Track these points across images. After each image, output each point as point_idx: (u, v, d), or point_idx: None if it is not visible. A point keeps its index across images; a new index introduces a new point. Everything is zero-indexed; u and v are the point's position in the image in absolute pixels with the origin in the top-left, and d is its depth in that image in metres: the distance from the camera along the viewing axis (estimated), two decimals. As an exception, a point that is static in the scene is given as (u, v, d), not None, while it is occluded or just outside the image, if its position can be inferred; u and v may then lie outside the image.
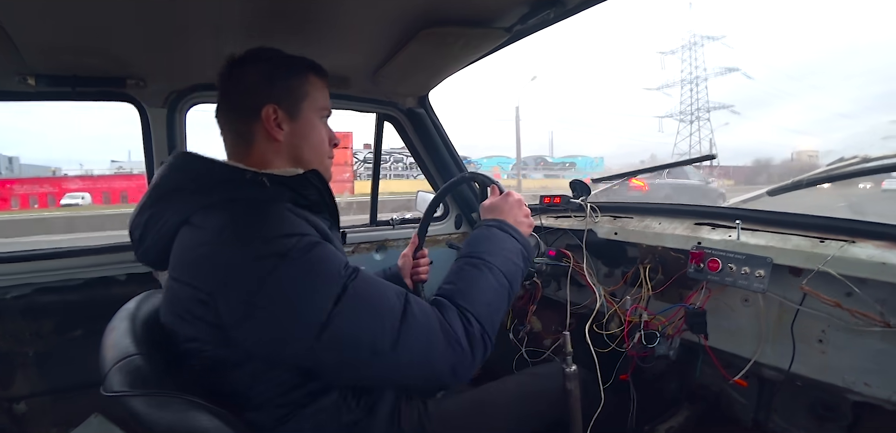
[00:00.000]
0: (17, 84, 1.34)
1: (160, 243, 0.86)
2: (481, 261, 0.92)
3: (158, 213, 0.86)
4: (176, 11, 1.06)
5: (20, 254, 1.55)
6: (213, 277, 0.76)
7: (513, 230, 1.02)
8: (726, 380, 1.27)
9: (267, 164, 0.93)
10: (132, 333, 0.83)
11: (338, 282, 0.76)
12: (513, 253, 0.98)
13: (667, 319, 1.33)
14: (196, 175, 0.87)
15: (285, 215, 0.81)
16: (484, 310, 0.86)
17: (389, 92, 1.86)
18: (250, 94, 0.92)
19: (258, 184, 0.88)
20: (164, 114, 1.57)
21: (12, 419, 1.57)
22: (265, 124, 0.91)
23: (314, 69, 0.99)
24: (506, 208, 1.06)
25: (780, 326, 1.20)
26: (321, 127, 1.00)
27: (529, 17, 1.16)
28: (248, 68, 0.93)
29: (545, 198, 1.87)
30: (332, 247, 0.82)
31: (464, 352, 0.81)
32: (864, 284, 1.03)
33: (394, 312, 0.78)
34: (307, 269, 0.75)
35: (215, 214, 0.81)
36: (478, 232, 1.01)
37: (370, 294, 0.78)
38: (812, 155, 56.16)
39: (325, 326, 0.73)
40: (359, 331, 0.75)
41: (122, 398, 0.70)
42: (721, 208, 1.44)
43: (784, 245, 1.14)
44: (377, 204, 2.18)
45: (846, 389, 1.10)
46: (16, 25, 1.06)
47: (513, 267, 0.96)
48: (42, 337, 1.57)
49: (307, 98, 0.96)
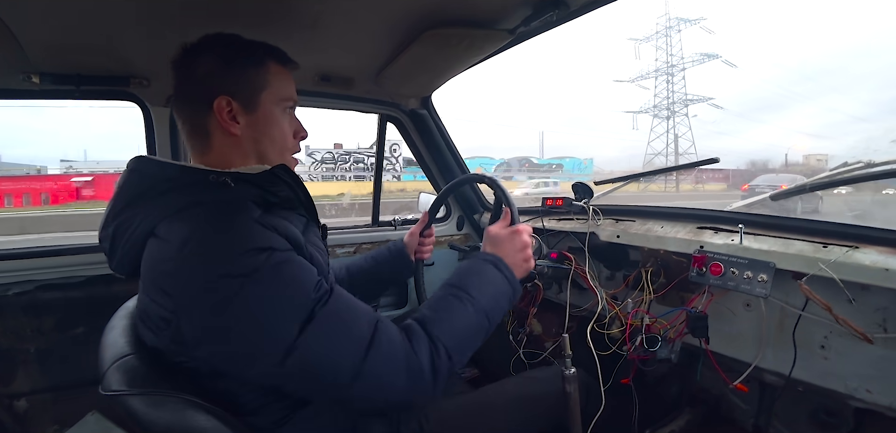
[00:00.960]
0: (22, 82, 1.34)
1: (130, 254, 0.81)
2: (466, 295, 0.90)
3: (125, 223, 0.81)
4: (179, 10, 1.06)
5: (23, 252, 1.55)
6: (175, 296, 0.72)
7: (508, 272, 0.99)
8: (727, 384, 1.27)
9: (228, 161, 0.88)
10: (130, 332, 0.83)
11: (306, 306, 0.73)
12: (501, 296, 0.96)
13: (668, 323, 1.32)
14: (157, 179, 0.82)
15: (252, 227, 0.75)
16: (456, 344, 0.84)
17: (392, 93, 1.87)
18: (203, 85, 0.86)
19: (221, 185, 0.82)
20: (167, 113, 1.57)
21: (13, 416, 1.58)
22: (218, 117, 0.86)
23: (275, 55, 0.92)
24: (508, 247, 1.04)
25: (781, 331, 1.19)
26: (283, 119, 0.94)
27: (532, 19, 1.16)
28: (202, 57, 0.87)
29: (548, 199, 1.87)
30: (304, 262, 0.78)
31: (425, 383, 0.79)
32: (867, 291, 1.03)
33: (361, 342, 0.75)
34: (274, 291, 0.71)
35: (179, 225, 0.75)
36: (472, 263, 0.99)
37: (338, 322, 0.75)
38: (820, 159, 55.55)
39: (289, 353, 0.70)
40: (322, 360, 0.73)
41: (119, 397, 0.70)
42: (724, 212, 1.43)
43: (787, 250, 1.13)
44: (379, 205, 2.18)
45: (848, 396, 1.10)
46: (20, 24, 1.06)
47: (496, 308, 0.94)
48: (43, 334, 1.58)
49: (267, 88, 0.90)
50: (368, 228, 2.12)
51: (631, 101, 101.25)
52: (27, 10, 1.01)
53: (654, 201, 10.08)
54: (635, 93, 74.04)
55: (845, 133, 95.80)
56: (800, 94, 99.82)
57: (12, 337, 1.54)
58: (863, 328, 1.02)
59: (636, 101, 78.30)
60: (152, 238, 0.78)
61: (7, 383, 1.56)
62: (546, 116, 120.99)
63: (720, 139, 69.66)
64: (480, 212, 2.29)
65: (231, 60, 0.87)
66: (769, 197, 1.50)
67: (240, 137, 0.88)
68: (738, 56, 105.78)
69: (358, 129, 27.26)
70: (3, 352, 1.54)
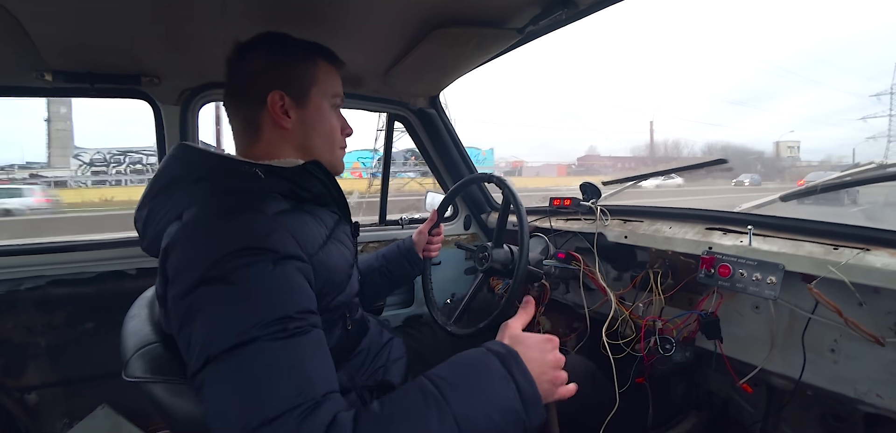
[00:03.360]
0: (35, 80, 1.36)
1: (159, 237, 0.80)
2: (440, 396, 0.64)
3: (158, 206, 0.83)
4: (190, 9, 1.07)
5: (35, 247, 1.58)
6: (168, 274, 0.71)
7: (521, 379, 0.69)
8: (733, 384, 1.26)
9: (274, 153, 0.91)
10: (152, 321, 0.84)
11: (249, 328, 0.62)
12: (501, 411, 0.66)
13: (682, 323, 1.32)
14: (191, 168, 0.84)
15: (263, 222, 0.73)
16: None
17: (401, 92, 1.87)
18: (256, 80, 0.89)
19: (252, 176, 0.84)
20: (177, 111, 1.59)
21: (24, 409, 1.60)
22: (271, 111, 0.89)
23: (324, 54, 0.95)
24: (533, 350, 0.75)
25: (790, 334, 1.18)
26: (332, 115, 0.97)
27: (541, 18, 1.16)
28: (255, 53, 0.90)
29: (555, 200, 1.86)
30: (294, 281, 0.70)
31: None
32: (879, 294, 1.02)
33: (264, 411, 0.58)
34: (233, 293, 0.64)
35: (197, 209, 0.76)
36: (474, 353, 0.72)
37: (272, 368, 0.61)
38: (791, 146, 54.72)
39: (204, 365, 0.62)
40: (218, 399, 0.61)
41: (142, 384, 0.72)
42: (733, 213, 1.42)
43: (797, 251, 1.12)
44: (386, 203, 2.19)
45: (858, 400, 1.08)
46: (34, 22, 1.08)
47: (488, 427, 0.64)
48: (54, 328, 1.60)
49: (316, 84, 0.93)
50: (375, 227, 2.13)
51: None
52: (41, 9, 1.03)
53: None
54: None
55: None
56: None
57: (24, 331, 1.56)
58: (873, 331, 1.01)
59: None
60: (176, 221, 0.79)
61: (18, 377, 1.58)
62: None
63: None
64: (488, 211, 2.29)
65: (282, 56, 0.90)
66: (779, 198, 1.48)
67: (290, 131, 0.91)
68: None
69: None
70: (15, 346, 1.56)
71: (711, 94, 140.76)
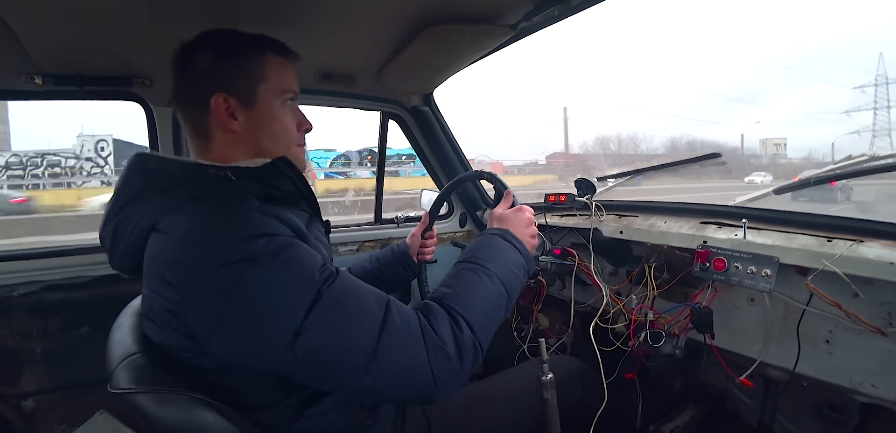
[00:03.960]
0: (25, 83, 1.35)
1: (131, 251, 0.81)
2: (480, 266, 0.88)
3: (126, 220, 0.81)
4: (181, 10, 1.06)
5: (28, 252, 1.56)
6: (180, 288, 0.72)
7: (517, 241, 0.98)
8: (731, 379, 1.27)
9: (229, 158, 0.87)
10: (138, 330, 0.83)
11: (311, 287, 0.71)
12: (514, 264, 0.94)
13: (673, 318, 1.32)
14: (156, 176, 0.81)
15: (252, 215, 0.75)
16: (478, 316, 0.80)
17: (394, 90, 1.86)
18: (199, 83, 0.85)
19: (222, 179, 0.81)
20: (169, 113, 1.57)
21: (21, 416, 1.59)
22: (216, 115, 0.84)
23: (272, 47, 0.90)
24: (515, 221, 1.04)
25: (786, 326, 1.19)
26: (283, 113, 0.91)
27: (534, 15, 1.15)
28: (199, 53, 0.85)
29: (550, 196, 1.87)
30: (307, 246, 0.76)
31: (450, 359, 0.74)
32: (872, 285, 1.03)
33: (373, 321, 0.72)
34: (277, 274, 0.69)
35: (180, 218, 0.75)
36: (481, 238, 0.98)
37: (347, 301, 0.72)
38: (777, 144, 53.70)
39: (297, 335, 0.68)
40: (334, 341, 0.70)
41: (128, 395, 0.71)
42: (727, 207, 1.43)
43: (791, 244, 1.13)
44: (382, 202, 2.18)
45: (853, 390, 1.09)
46: (23, 25, 1.07)
47: (512, 277, 0.91)
48: (49, 334, 1.59)
49: (264, 81, 0.87)
50: (371, 226, 2.12)
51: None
52: (29, 12, 1.01)
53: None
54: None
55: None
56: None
57: (19, 337, 1.55)
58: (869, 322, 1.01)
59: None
60: (154, 233, 0.78)
61: (14, 383, 1.57)
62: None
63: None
64: (483, 208, 2.29)
65: (226, 55, 0.86)
66: (773, 191, 1.49)
67: (240, 134, 0.87)
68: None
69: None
70: (10, 353, 1.55)
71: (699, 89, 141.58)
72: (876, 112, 53.99)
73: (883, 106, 53.17)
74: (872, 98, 54.08)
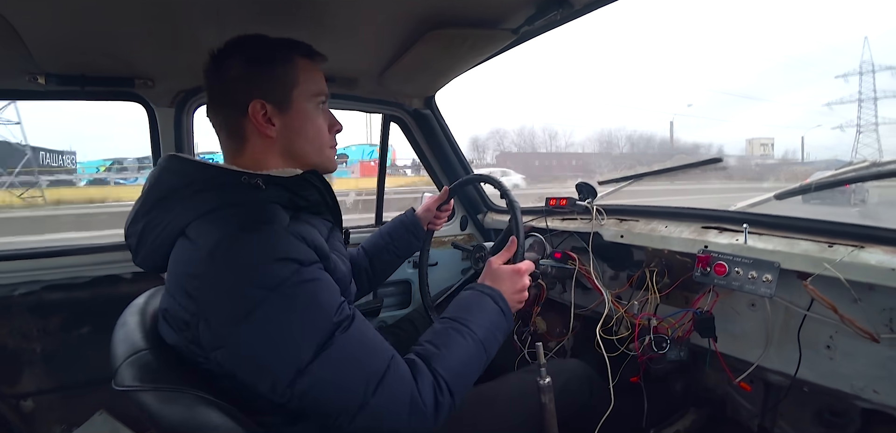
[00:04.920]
0: (28, 83, 1.35)
1: (158, 252, 0.82)
2: (468, 329, 0.90)
3: (154, 220, 0.82)
4: (183, 11, 1.07)
5: (28, 252, 1.56)
6: (198, 300, 0.73)
7: (504, 305, 0.99)
8: (731, 383, 1.26)
9: (262, 162, 0.89)
10: (142, 328, 0.83)
11: (325, 329, 0.73)
12: (498, 328, 0.96)
13: (676, 321, 1.32)
14: (188, 179, 0.82)
15: (281, 235, 0.76)
16: (459, 380, 0.84)
17: (396, 93, 1.87)
18: (235, 90, 0.87)
19: (253, 187, 0.83)
20: (171, 113, 1.58)
21: (20, 416, 1.59)
22: (254, 121, 0.86)
23: (301, 51, 0.92)
24: (508, 284, 1.03)
25: (786, 332, 1.19)
26: (317, 115, 0.93)
27: (536, 19, 1.16)
28: (231, 60, 0.87)
29: (551, 199, 1.87)
30: (329, 280, 0.79)
31: (426, 420, 0.78)
32: (873, 291, 1.02)
33: (373, 376, 0.75)
34: (295, 309, 0.72)
35: (209, 229, 0.76)
36: (472, 295, 0.98)
37: (355, 350, 0.75)
38: (765, 144, 51.58)
39: (301, 373, 0.70)
40: (334, 387, 0.73)
41: (132, 392, 0.71)
42: (728, 212, 1.43)
43: (792, 249, 1.13)
44: (383, 204, 2.19)
45: (854, 396, 1.09)
46: (26, 25, 1.07)
47: (494, 341, 0.94)
48: (49, 334, 1.59)
49: (297, 86, 0.89)
50: (372, 228, 2.13)
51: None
52: (33, 12, 1.02)
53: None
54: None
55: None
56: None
57: (19, 337, 1.55)
58: (869, 328, 1.01)
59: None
60: (182, 238, 0.79)
61: (14, 383, 1.57)
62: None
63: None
64: (484, 212, 2.29)
65: (259, 62, 0.87)
66: (774, 196, 1.49)
67: (275, 139, 0.89)
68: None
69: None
70: (10, 353, 1.55)
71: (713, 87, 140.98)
72: (861, 104, 48.81)
73: (868, 97, 47.57)
74: (857, 88, 48.40)
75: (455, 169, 2.14)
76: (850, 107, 50.38)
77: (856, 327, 1.01)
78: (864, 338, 1.02)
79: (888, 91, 48.95)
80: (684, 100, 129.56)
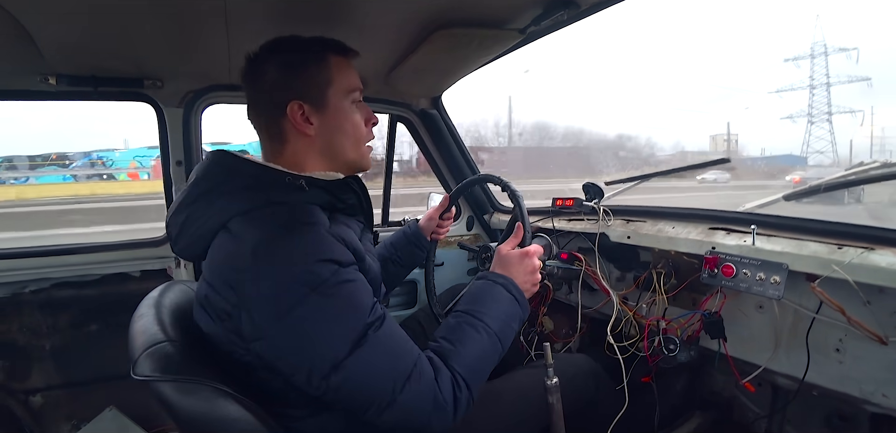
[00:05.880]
0: (39, 84, 1.37)
1: (198, 243, 0.85)
2: (481, 322, 0.91)
3: (196, 213, 0.84)
4: (192, 13, 1.08)
5: (39, 250, 1.58)
6: (240, 293, 0.75)
7: (518, 294, 0.99)
8: (737, 383, 1.26)
9: (302, 160, 0.91)
10: (159, 321, 0.84)
11: (359, 327, 0.76)
12: (512, 317, 0.96)
13: (686, 322, 1.31)
14: (233, 175, 0.85)
15: (323, 237, 0.79)
16: (475, 375, 0.86)
17: (403, 93, 1.88)
18: (273, 92, 0.89)
19: (297, 188, 0.86)
20: (180, 114, 1.59)
21: (29, 411, 1.61)
22: (293, 122, 0.88)
23: (333, 48, 0.93)
24: (519, 269, 1.03)
25: (795, 334, 1.18)
26: (353, 111, 0.95)
27: (543, 19, 1.16)
28: (266, 64, 0.90)
29: (557, 200, 1.86)
30: (364, 281, 0.82)
31: (448, 415, 0.81)
32: (883, 293, 1.01)
33: (402, 373, 0.78)
34: (333, 307, 0.75)
35: (252, 226, 0.79)
36: (484, 285, 0.99)
37: (386, 350, 0.78)
38: (727, 140, 48.33)
39: (336, 368, 0.73)
40: (366, 382, 0.76)
41: (151, 382, 0.72)
42: (736, 213, 1.42)
43: (800, 251, 1.12)
44: (389, 205, 2.19)
45: (864, 400, 1.08)
46: (37, 26, 1.08)
47: (509, 331, 0.95)
48: (58, 331, 1.60)
49: (332, 84, 0.91)
50: (378, 228, 2.13)
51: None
52: (44, 13, 1.03)
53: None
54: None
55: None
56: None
57: (29, 334, 1.57)
58: (878, 331, 1.00)
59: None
60: (224, 231, 0.81)
61: (23, 379, 1.59)
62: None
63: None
64: (490, 212, 2.29)
65: (294, 64, 0.89)
66: (782, 198, 1.48)
67: (314, 138, 0.91)
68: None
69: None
70: (20, 349, 1.57)
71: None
72: (812, 91, 44.63)
73: (821, 83, 43.38)
74: (808, 73, 44.30)
75: (462, 169, 2.14)
76: (802, 94, 46.91)
77: (864, 329, 1.01)
78: (874, 340, 1.01)
79: (842, 76, 44.99)
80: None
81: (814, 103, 44.08)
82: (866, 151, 44.33)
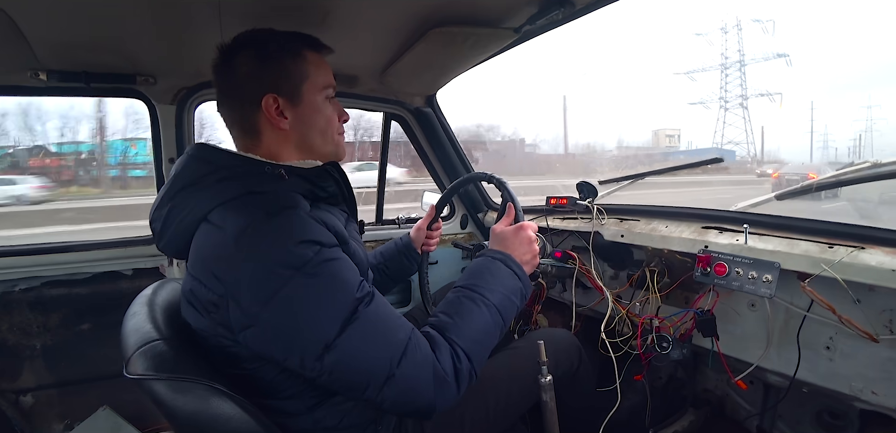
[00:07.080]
0: (29, 79, 1.35)
1: (181, 237, 0.84)
2: (480, 296, 0.90)
3: (178, 205, 0.84)
4: (185, 8, 1.07)
5: (29, 248, 1.57)
6: (226, 282, 0.75)
7: (517, 268, 0.98)
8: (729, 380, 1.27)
9: (276, 153, 0.91)
10: (152, 319, 0.84)
11: (348, 304, 0.75)
12: (512, 291, 0.95)
13: (679, 320, 1.32)
14: (214, 167, 0.85)
15: (304, 220, 0.79)
16: (475, 347, 0.85)
17: (397, 91, 1.87)
18: (247, 84, 0.89)
19: (276, 176, 0.87)
20: (173, 110, 1.58)
21: (20, 411, 1.59)
22: (267, 115, 0.89)
23: (309, 44, 0.94)
24: (516, 243, 1.03)
25: (786, 332, 1.19)
26: (326, 106, 0.96)
27: (538, 18, 1.16)
28: (240, 57, 0.89)
29: (551, 199, 1.87)
30: (349, 260, 0.82)
31: (449, 388, 0.80)
32: (873, 292, 1.03)
33: (397, 347, 0.77)
34: (319, 287, 0.74)
35: (234, 214, 0.79)
36: (482, 262, 0.99)
37: (379, 323, 0.78)
38: (670, 134, 44.28)
39: (329, 348, 0.73)
40: (359, 360, 0.75)
41: (144, 381, 0.71)
42: (729, 212, 1.43)
43: (792, 250, 1.13)
44: (383, 203, 2.19)
45: (853, 397, 1.09)
46: (28, 22, 1.07)
47: (509, 305, 0.94)
48: (49, 330, 1.59)
49: (307, 79, 0.92)
50: (372, 226, 2.13)
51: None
52: (35, 9, 1.02)
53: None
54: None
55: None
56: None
57: (19, 333, 1.55)
58: (869, 328, 1.01)
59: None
60: (205, 223, 0.81)
61: (14, 379, 1.57)
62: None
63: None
64: (484, 210, 2.29)
65: (270, 57, 0.89)
66: (774, 197, 1.49)
67: (288, 131, 0.91)
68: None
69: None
70: (10, 348, 1.55)
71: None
72: (725, 74, 39.15)
73: (733, 65, 37.65)
74: (720, 52, 38.33)
75: (456, 167, 2.14)
76: (713, 74, 41.04)
77: (855, 327, 1.02)
78: (864, 338, 1.02)
79: (758, 55, 38.44)
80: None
81: (727, 86, 39.25)
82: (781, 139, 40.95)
